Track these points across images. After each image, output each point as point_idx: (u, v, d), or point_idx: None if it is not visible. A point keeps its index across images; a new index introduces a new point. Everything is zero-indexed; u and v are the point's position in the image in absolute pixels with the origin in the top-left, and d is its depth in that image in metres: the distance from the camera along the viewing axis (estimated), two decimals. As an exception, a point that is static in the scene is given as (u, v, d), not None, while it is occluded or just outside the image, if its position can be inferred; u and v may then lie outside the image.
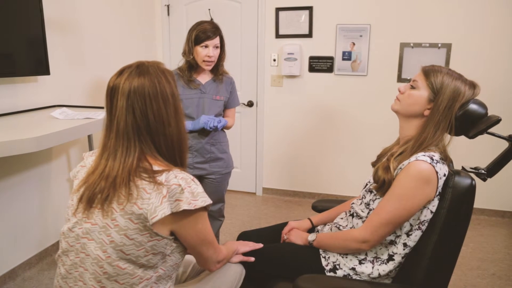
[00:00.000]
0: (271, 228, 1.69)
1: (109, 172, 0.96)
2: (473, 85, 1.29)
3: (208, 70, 2.02)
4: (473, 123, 1.24)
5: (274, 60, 3.32)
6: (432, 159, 1.20)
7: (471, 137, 1.26)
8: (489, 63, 2.95)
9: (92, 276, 0.96)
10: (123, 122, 0.97)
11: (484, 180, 1.37)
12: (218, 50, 1.98)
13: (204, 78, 2.05)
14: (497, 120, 1.18)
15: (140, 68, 1.01)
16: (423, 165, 1.18)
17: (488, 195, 3.18)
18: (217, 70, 2.05)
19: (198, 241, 1.03)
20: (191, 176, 0.99)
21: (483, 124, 1.20)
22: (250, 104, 3.46)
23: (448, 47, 2.97)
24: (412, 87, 1.32)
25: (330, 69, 3.22)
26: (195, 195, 0.95)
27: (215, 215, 2.30)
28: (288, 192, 3.59)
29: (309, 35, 3.21)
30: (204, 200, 0.96)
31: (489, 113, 1.26)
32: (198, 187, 0.97)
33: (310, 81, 3.30)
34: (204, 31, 1.91)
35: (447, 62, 2.99)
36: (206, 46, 1.92)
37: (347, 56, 3.16)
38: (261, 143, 3.53)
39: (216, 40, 1.94)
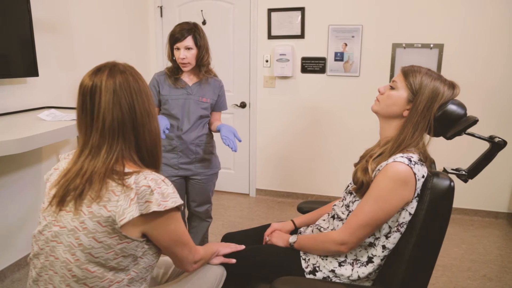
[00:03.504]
0: (255, 229, 1.69)
1: (87, 169, 0.96)
2: (452, 86, 1.28)
3: (186, 71, 2.01)
4: (452, 124, 1.23)
5: (267, 61, 3.31)
6: (410, 161, 1.19)
7: (449, 137, 1.25)
8: (481, 63, 2.94)
9: (62, 279, 0.96)
10: (110, 117, 0.96)
11: (465, 181, 1.36)
12: (192, 51, 1.95)
13: (191, 79, 2.05)
14: (474, 121, 1.17)
15: (118, 67, 1.02)
16: (401, 167, 1.17)
17: (482, 196, 3.17)
18: (200, 70, 2.03)
19: (171, 242, 1.03)
20: (162, 176, 0.98)
21: (461, 125, 1.19)
22: (242, 105, 3.45)
23: (440, 47, 2.96)
24: (392, 88, 1.31)
25: (322, 70, 3.21)
26: (165, 196, 0.94)
27: (202, 216, 2.30)
28: (281, 193, 3.58)
29: (301, 36, 3.20)
30: (174, 200, 0.96)
31: (484, 114, 1.25)
32: (168, 188, 0.96)
33: (303, 82, 3.30)
34: (173, 34, 1.93)
35: (439, 62, 2.98)
36: (178, 48, 1.93)
37: (339, 57, 3.15)
38: (254, 144, 3.53)
39: (186, 41, 1.92)
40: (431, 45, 2.97)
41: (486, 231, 2.98)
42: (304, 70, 3.26)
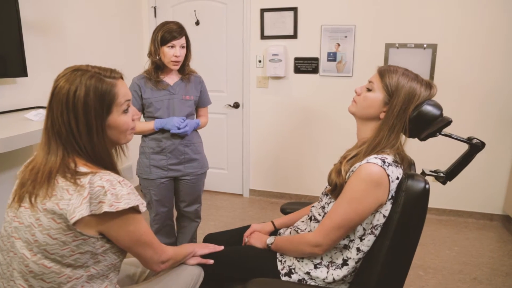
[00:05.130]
0: (236, 230, 1.68)
1: (34, 166, 0.99)
2: (429, 86, 1.25)
3: (175, 70, 2.02)
4: (427, 125, 1.21)
5: (260, 61, 3.30)
6: (384, 162, 1.17)
7: (423, 139, 1.23)
8: (476, 63, 2.91)
9: (20, 275, 0.97)
10: (45, 120, 1.01)
11: (444, 183, 1.34)
12: (185, 50, 1.98)
13: (172, 79, 2.04)
14: (448, 122, 1.16)
15: (74, 72, 1.01)
16: (374, 168, 1.16)
17: (477, 198, 3.13)
18: (184, 69, 2.05)
19: (131, 242, 1.03)
20: (120, 178, 0.98)
21: (435, 126, 1.17)
22: (236, 105, 3.45)
23: (433, 47, 2.94)
24: (368, 89, 1.29)
25: (315, 70, 3.20)
26: (119, 197, 0.94)
27: (191, 216, 2.29)
28: (275, 194, 3.57)
29: (294, 36, 3.19)
30: (127, 202, 0.95)
31: (479, 115, 1.23)
32: (123, 189, 0.96)
33: (296, 82, 3.28)
34: (170, 31, 1.91)
35: (433, 63, 2.95)
36: (173, 46, 1.92)
37: (332, 57, 3.13)
38: (248, 145, 3.52)
39: (182, 40, 1.95)
40: (425, 45, 2.95)
41: (479, 234, 2.95)
42: (297, 70, 3.24)
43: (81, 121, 0.97)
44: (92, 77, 1.00)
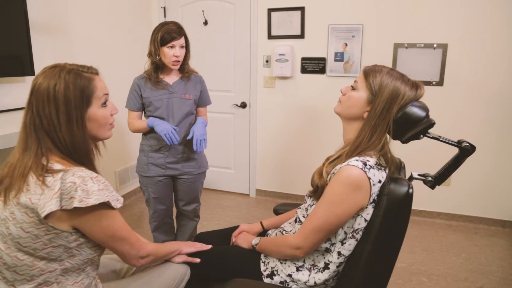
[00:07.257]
0: (226, 230, 1.68)
1: (12, 162, 1.02)
2: (415, 86, 1.22)
3: (175, 69, 2.03)
4: (411, 126, 1.17)
5: (267, 61, 3.29)
6: (365, 164, 1.14)
7: (404, 141, 1.19)
8: (488, 63, 2.80)
9: None
10: (24, 117, 1.04)
11: (432, 187, 1.30)
12: (184, 50, 2.00)
13: (172, 79, 2.06)
14: (430, 124, 1.11)
15: (52, 69, 1.04)
16: (354, 170, 1.13)
17: (488, 204, 3.02)
18: (183, 69, 2.07)
19: (106, 237, 1.04)
20: (93, 174, 0.99)
21: (417, 128, 1.13)
22: (243, 105, 3.44)
23: (444, 47, 2.85)
24: (353, 88, 1.27)
25: (322, 70, 3.16)
26: (89, 193, 0.95)
27: (190, 215, 2.31)
28: (281, 195, 3.55)
29: (301, 35, 3.16)
30: (97, 198, 0.96)
31: (492, 115, 1.18)
32: (95, 185, 0.97)
33: (302, 82, 3.25)
34: (169, 32, 1.92)
35: (443, 63, 2.86)
36: (173, 47, 1.93)
37: (339, 57, 3.09)
38: (254, 145, 3.51)
39: (182, 40, 1.96)
40: (435, 45, 2.86)
41: (490, 240, 2.84)
42: (304, 70, 3.21)
43: (62, 111, 1.01)
44: (70, 72, 1.04)
